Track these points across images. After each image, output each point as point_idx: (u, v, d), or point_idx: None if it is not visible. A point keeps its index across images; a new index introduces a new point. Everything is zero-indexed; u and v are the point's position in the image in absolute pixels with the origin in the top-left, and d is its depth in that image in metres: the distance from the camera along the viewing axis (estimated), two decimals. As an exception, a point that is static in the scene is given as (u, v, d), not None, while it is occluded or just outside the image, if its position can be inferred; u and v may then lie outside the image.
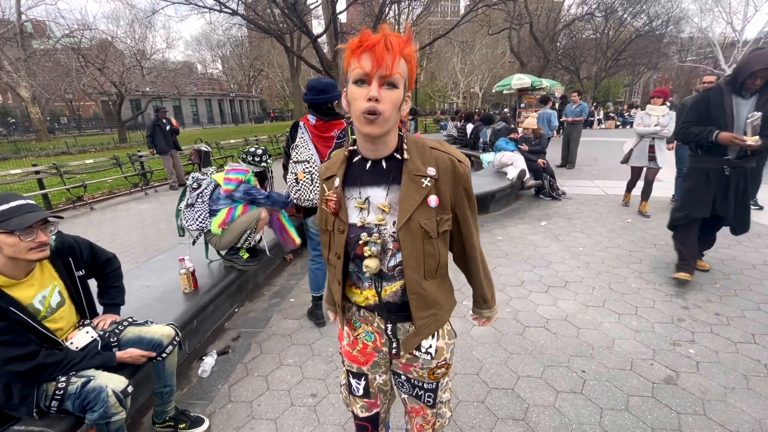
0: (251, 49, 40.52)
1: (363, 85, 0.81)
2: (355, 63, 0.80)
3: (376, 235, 0.93)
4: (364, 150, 0.93)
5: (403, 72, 0.82)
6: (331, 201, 0.94)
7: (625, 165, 5.26)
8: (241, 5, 12.92)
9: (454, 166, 0.92)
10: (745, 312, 2.75)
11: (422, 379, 1.09)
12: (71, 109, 36.31)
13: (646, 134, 4.79)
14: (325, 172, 1.00)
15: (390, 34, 0.79)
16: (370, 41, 0.77)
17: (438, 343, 1.05)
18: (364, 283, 1.00)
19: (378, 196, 0.93)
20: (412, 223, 0.89)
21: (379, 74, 0.79)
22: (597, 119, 20.97)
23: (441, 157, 0.92)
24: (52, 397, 1.44)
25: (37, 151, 16.72)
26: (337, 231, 0.96)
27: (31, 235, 1.38)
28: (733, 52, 26.57)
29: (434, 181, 0.90)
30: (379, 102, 0.80)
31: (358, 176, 0.95)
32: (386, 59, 0.77)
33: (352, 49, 0.80)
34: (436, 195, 0.90)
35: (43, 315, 1.52)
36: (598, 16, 25.55)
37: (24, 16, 19.88)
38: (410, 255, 0.91)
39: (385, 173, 0.93)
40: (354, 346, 1.12)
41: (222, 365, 2.43)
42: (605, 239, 4.33)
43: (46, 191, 7.07)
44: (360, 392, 1.18)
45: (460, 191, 0.94)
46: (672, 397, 1.99)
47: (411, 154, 0.91)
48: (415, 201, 0.89)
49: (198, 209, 2.76)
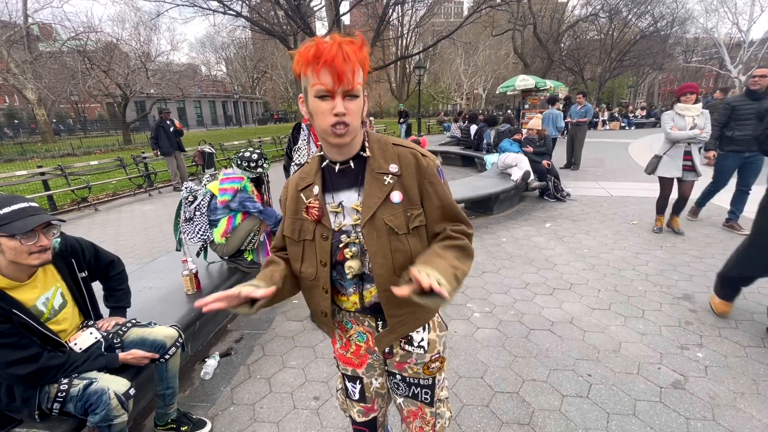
0: (255, 51, 40.77)
1: (326, 99, 0.81)
2: (313, 77, 0.80)
3: (354, 235, 0.94)
4: (331, 154, 0.95)
5: (361, 80, 0.83)
6: (314, 208, 0.95)
7: (629, 171, 5.09)
8: (245, 7, 12.98)
9: (417, 161, 0.93)
10: (753, 315, 2.71)
11: (418, 375, 1.08)
12: (76, 111, 36.60)
13: (682, 139, 3.98)
14: (300, 182, 1.00)
15: (344, 42, 0.79)
16: (328, 55, 0.76)
17: (430, 335, 1.06)
18: (348, 288, 1.00)
19: (350, 198, 0.95)
20: (375, 220, 0.90)
21: (342, 89, 0.80)
22: (602, 120, 20.86)
23: (403, 153, 0.94)
24: (54, 399, 1.43)
25: (42, 152, 16.87)
26: (320, 238, 0.96)
27: (33, 238, 1.37)
28: (739, 53, 26.38)
29: (397, 178, 0.91)
30: (346, 115, 0.82)
31: (330, 182, 0.97)
32: (347, 74, 0.78)
33: (308, 61, 0.79)
34: (400, 191, 0.91)
35: (47, 317, 1.52)
36: (603, 17, 25.47)
37: (30, 18, 20.10)
38: (377, 252, 0.91)
39: (353, 174, 0.95)
40: (347, 348, 1.12)
41: (224, 367, 2.42)
42: (610, 241, 4.29)
43: (51, 192, 7.12)
44: (356, 396, 1.17)
45: (425, 185, 0.93)
46: (680, 402, 1.96)
47: (373, 153, 0.94)
48: (378, 198, 0.90)
49: (197, 222, 2.75)
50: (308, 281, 1.01)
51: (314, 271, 0.98)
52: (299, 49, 0.81)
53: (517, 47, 25.13)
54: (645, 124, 20.71)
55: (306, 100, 0.87)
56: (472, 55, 38.01)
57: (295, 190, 1.01)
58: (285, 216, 1.05)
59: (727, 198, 4.48)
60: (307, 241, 0.98)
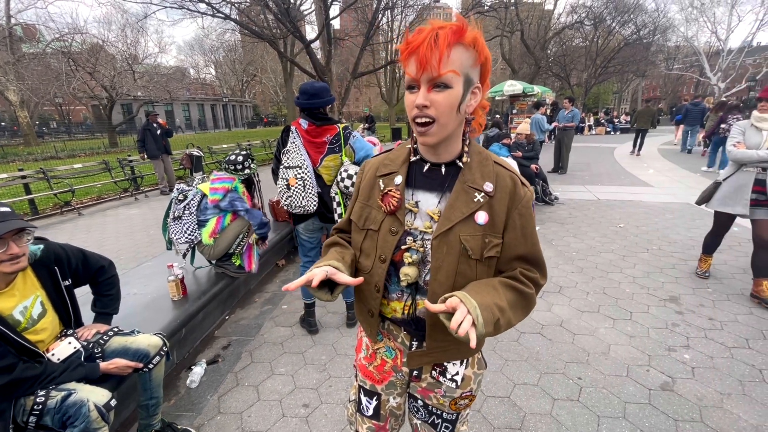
0: (244, 54, 40.49)
1: (413, 90, 0.76)
2: (405, 68, 0.75)
3: (420, 242, 0.86)
4: (424, 152, 0.88)
5: (460, 66, 0.73)
6: (394, 199, 0.86)
7: (615, 175, 4.44)
8: (234, 10, 12.90)
9: (515, 186, 0.84)
10: (738, 316, 2.76)
11: (442, 407, 0.99)
12: (61, 114, 35.84)
13: (752, 162, 2.84)
14: (381, 167, 0.92)
15: (441, 25, 0.71)
16: (415, 41, 0.71)
17: (466, 371, 0.96)
18: (393, 293, 0.92)
19: (429, 202, 0.86)
20: (451, 234, 0.81)
21: (426, 77, 0.72)
22: (588, 125, 21.25)
23: (502, 174, 0.85)
24: (30, 412, 1.37)
25: (24, 155, 16.44)
26: (388, 232, 0.87)
27: (2, 246, 1.32)
28: (718, 61, 27.19)
29: (489, 198, 0.82)
30: (429, 108, 0.74)
31: (414, 177, 0.89)
32: (431, 59, 0.70)
33: (402, 53, 0.73)
34: (487, 212, 0.82)
35: (24, 326, 1.46)
36: (587, 24, 26.00)
37: (13, 19, 19.63)
38: (441, 268, 0.82)
39: (441, 179, 0.86)
40: (371, 360, 1.04)
41: (211, 375, 2.36)
42: (598, 244, 4.34)
43: (32, 196, 6.93)
44: (369, 412, 1.08)
45: (514, 215, 0.83)
46: (669, 403, 1.97)
47: (471, 164, 0.85)
48: (461, 213, 0.81)
49: (185, 221, 2.70)
50: (362, 274, 0.92)
51: (370, 264, 0.90)
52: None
53: (504, 53, 25.50)
54: (629, 129, 21.16)
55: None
56: (461, 60, 38.32)
57: (374, 174, 0.92)
58: (356, 200, 0.97)
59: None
60: (371, 231, 0.90)
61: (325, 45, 12.36)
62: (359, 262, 0.94)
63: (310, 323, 2.77)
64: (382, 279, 0.89)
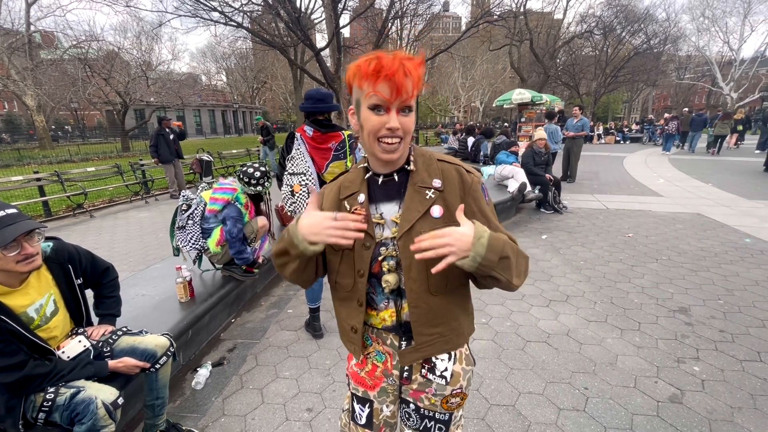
0: (255, 62, 41.11)
1: (380, 112, 0.81)
2: (369, 88, 0.79)
3: (392, 248, 0.91)
4: (376, 166, 0.94)
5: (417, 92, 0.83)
6: (361, 215, 0.91)
7: (624, 185, 4.79)
8: (246, 19, 13.16)
9: (461, 176, 0.91)
10: (749, 329, 2.70)
11: (434, 408, 1.01)
12: (76, 118, 36.66)
13: None
14: (342, 191, 0.98)
15: (404, 58, 0.78)
16: (389, 70, 0.76)
17: (455, 367, 0.99)
18: (380, 303, 0.97)
19: (391, 211, 0.93)
20: (413, 232, 0.87)
21: (398, 102, 0.79)
22: (597, 134, 21.13)
23: (447, 168, 0.92)
24: (40, 409, 1.40)
25: (39, 158, 16.80)
26: (362, 248, 0.92)
27: (16, 248, 1.35)
28: (731, 71, 26.94)
29: (439, 192, 0.89)
30: (398, 129, 0.81)
31: (374, 192, 0.95)
32: (407, 88, 0.78)
33: (367, 75, 0.78)
34: (440, 206, 0.89)
35: (37, 324, 1.49)
36: (597, 34, 25.98)
37: (33, 26, 20.25)
38: (411, 265, 0.88)
39: (396, 186, 0.93)
40: (363, 366, 1.07)
41: (216, 377, 2.38)
42: (606, 253, 4.30)
43: (46, 198, 7.08)
44: (362, 420, 1.09)
45: (468, 201, 0.90)
46: (677, 416, 1.94)
47: (417, 166, 0.92)
48: (417, 212, 0.88)
49: (189, 231, 2.73)
50: (343, 293, 0.98)
51: (351, 281, 0.95)
52: (358, 62, 0.80)
53: (513, 62, 25.55)
54: (640, 138, 21.00)
55: (357, 112, 0.85)
56: (469, 68, 38.60)
57: (337, 198, 0.98)
58: None
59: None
60: (346, 251, 0.94)
61: (334, 53, 12.52)
62: (338, 282, 0.98)
63: (315, 327, 2.78)
64: (364, 293, 0.95)
